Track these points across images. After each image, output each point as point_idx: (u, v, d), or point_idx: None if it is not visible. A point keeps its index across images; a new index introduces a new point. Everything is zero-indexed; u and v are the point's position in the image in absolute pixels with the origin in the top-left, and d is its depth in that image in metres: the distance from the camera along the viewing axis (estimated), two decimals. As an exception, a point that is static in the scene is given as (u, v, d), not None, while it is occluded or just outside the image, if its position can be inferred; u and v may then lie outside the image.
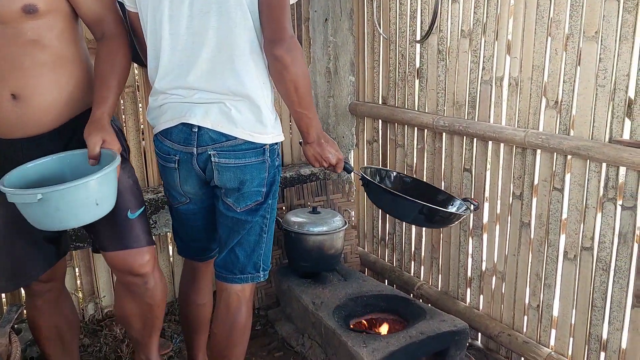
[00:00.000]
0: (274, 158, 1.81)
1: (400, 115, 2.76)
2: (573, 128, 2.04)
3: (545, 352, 2.23)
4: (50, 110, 1.67)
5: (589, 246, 2.04)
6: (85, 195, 1.47)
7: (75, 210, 1.48)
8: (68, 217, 1.50)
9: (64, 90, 1.68)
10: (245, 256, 1.85)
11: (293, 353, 2.60)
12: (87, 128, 1.60)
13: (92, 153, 1.56)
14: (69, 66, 1.69)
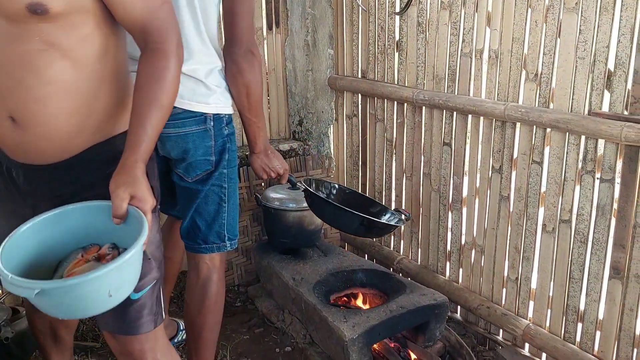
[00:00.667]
0: (220, 127, 1.79)
1: (379, 89, 2.73)
2: (552, 101, 2.03)
3: (523, 324, 2.25)
4: (60, 140, 1.31)
5: (568, 219, 2.05)
6: (96, 288, 1.14)
7: (83, 304, 1.17)
8: (72, 310, 1.22)
9: (81, 116, 1.30)
10: (206, 226, 1.86)
11: (273, 329, 2.59)
12: (115, 178, 1.23)
13: (117, 212, 1.21)
14: (93, 84, 1.29)
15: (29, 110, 1.25)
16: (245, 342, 2.51)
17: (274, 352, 2.43)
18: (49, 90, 1.23)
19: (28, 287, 1.11)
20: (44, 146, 1.30)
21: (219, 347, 2.45)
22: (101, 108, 1.33)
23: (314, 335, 2.37)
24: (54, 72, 1.22)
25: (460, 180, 2.45)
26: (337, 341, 2.13)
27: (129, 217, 1.22)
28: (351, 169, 3.12)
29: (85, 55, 1.25)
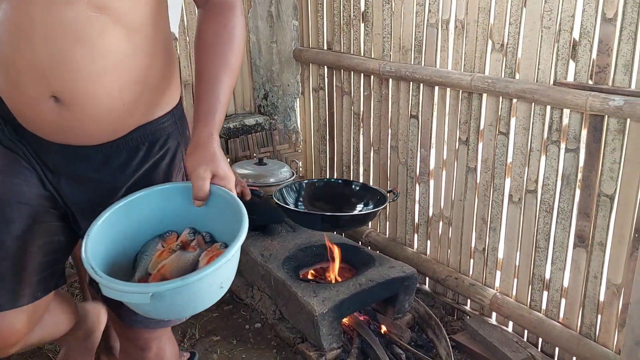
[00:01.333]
0: None
1: (346, 61, 2.69)
2: (519, 71, 2.02)
3: (490, 294, 2.28)
4: (111, 120, 1.14)
5: (533, 189, 2.06)
6: (211, 281, 1.05)
7: (195, 301, 1.08)
8: (184, 310, 1.13)
9: (135, 92, 1.13)
10: None
11: (243, 306, 2.58)
12: (192, 156, 1.10)
13: (200, 193, 1.08)
14: (147, 54, 1.12)
15: (78, 88, 1.05)
16: (214, 320, 2.49)
17: (243, 328, 2.42)
18: (102, 64, 1.06)
19: (142, 291, 0.98)
20: (92, 128, 1.13)
21: (188, 326, 2.43)
22: (154, 82, 1.17)
23: (283, 311, 2.36)
24: (106, 42, 1.05)
25: (428, 153, 2.45)
26: (307, 316, 2.12)
27: (211, 197, 1.11)
28: (318, 143, 3.09)
29: (139, 20, 1.09)
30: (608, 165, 1.82)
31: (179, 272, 1.09)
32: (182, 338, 2.36)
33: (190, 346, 2.30)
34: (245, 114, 3.15)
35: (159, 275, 1.10)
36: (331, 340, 2.13)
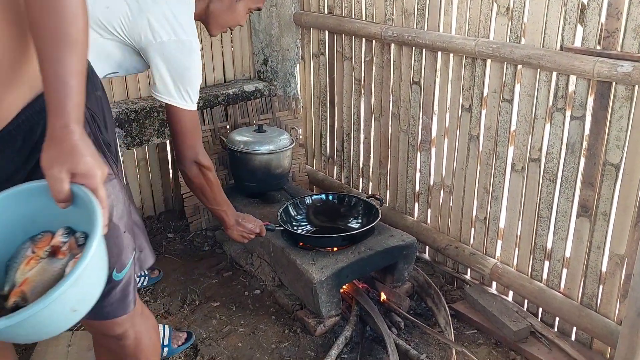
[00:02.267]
0: None
1: (347, 25, 2.62)
2: (524, 36, 1.96)
3: (491, 263, 2.26)
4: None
5: (537, 157, 2.02)
6: (55, 309, 0.89)
7: (39, 332, 0.93)
8: (29, 338, 0.99)
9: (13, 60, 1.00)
10: None
11: (242, 272, 2.57)
12: (45, 154, 0.95)
13: (57, 196, 0.94)
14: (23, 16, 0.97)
15: None
16: (214, 286, 2.48)
17: (242, 295, 2.41)
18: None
19: None
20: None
21: (188, 292, 2.42)
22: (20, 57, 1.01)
23: (282, 278, 2.35)
24: None
25: (430, 120, 2.40)
26: (305, 283, 2.11)
27: (76, 197, 0.96)
28: (319, 109, 3.04)
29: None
30: (614, 134, 1.78)
31: (42, 287, 0.95)
32: (182, 303, 2.35)
33: (191, 312, 2.30)
34: (244, 80, 3.09)
35: (19, 291, 0.97)
36: (330, 308, 2.12)
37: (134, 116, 2.65)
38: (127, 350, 1.34)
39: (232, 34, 3.01)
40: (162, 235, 2.90)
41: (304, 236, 2.31)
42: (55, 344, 1.96)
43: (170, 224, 2.99)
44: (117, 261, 1.17)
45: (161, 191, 3.08)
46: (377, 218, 2.29)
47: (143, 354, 1.36)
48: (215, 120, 2.85)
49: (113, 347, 1.34)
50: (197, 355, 2.05)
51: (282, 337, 2.15)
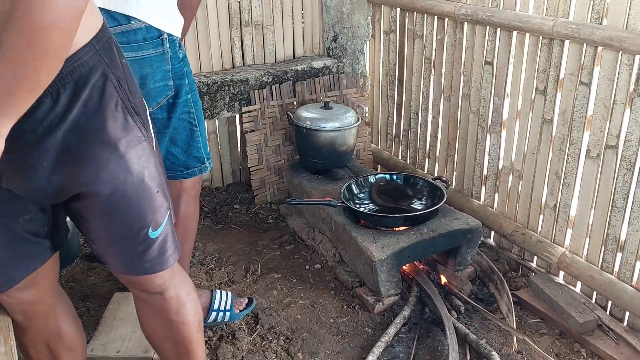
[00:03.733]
0: (175, 50, 1.68)
1: (419, 2, 2.57)
2: (606, 17, 1.87)
3: (559, 252, 2.19)
4: None
5: (614, 144, 1.93)
6: None
7: None
8: None
9: None
10: (184, 153, 1.84)
11: (304, 246, 2.60)
12: None
13: None
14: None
15: None
16: (276, 258, 2.53)
17: (303, 268, 2.45)
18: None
19: None
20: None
21: (251, 262, 2.48)
22: None
23: (343, 255, 2.37)
24: None
25: (501, 102, 2.33)
26: (365, 261, 2.12)
27: None
28: (387, 88, 3.01)
29: None
30: (701, 122, 1.67)
31: None
32: (245, 273, 2.42)
33: (253, 281, 2.36)
34: (313, 57, 3.10)
35: None
36: (389, 287, 2.12)
37: (205, 89, 2.71)
38: (168, 305, 1.38)
39: (303, 10, 3.01)
40: (229, 207, 2.97)
41: (366, 214, 2.31)
42: (125, 303, 2.06)
43: (237, 196, 3.06)
44: (152, 220, 1.22)
45: (229, 163, 3.15)
46: (441, 200, 2.26)
47: (184, 308, 1.40)
48: (283, 96, 2.88)
49: (156, 303, 1.38)
50: (257, 324, 2.11)
51: (340, 313, 2.17)
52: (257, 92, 2.81)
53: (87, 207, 1.17)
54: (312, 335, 2.06)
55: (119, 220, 1.19)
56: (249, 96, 2.81)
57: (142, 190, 1.17)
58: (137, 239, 1.21)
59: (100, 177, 1.12)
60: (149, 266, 1.27)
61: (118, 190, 1.14)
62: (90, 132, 1.09)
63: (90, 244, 1.27)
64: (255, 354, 1.97)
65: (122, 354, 1.86)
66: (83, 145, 1.09)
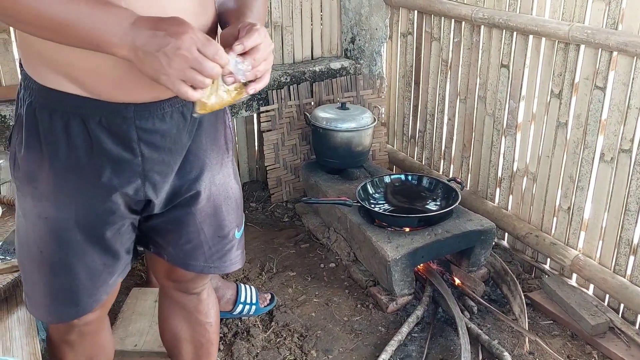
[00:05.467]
0: None
1: (437, 5, 2.60)
2: (622, 22, 1.88)
3: (572, 254, 2.21)
4: None
5: (628, 148, 1.95)
6: None
7: None
8: None
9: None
10: None
11: (319, 245, 2.64)
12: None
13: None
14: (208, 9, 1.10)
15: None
16: (292, 256, 2.57)
17: (318, 267, 2.49)
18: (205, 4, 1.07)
19: None
20: None
21: (267, 260, 2.53)
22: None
23: (357, 254, 2.40)
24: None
25: (517, 105, 2.35)
26: (380, 261, 2.15)
27: None
28: (403, 89, 3.04)
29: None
30: None
31: None
32: (260, 271, 2.46)
33: (268, 279, 2.40)
34: (331, 58, 3.13)
35: None
36: (403, 287, 2.16)
37: (224, 89, 2.75)
38: (201, 305, 1.44)
39: (322, 12, 3.05)
40: (246, 205, 3.02)
41: (381, 214, 2.34)
42: (143, 298, 2.11)
43: (253, 194, 3.11)
44: (240, 221, 1.32)
45: (247, 162, 3.20)
46: (456, 201, 2.29)
47: (213, 309, 1.48)
48: (301, 96, 2.92)
49: (191, 304, 1.42)
50: (272, 321, 2.15)
51: (354, 311, 2.21)
52: (275, 92, 2.86)
53: (193, 210, 1.21)
54: (326, 333, 2.10)
55: (219, 219, 1.26)
56: (267, 96, 2.85)
57: (238, 191, 1.30)
58: (227, 238, 1.28)
59: (215, 180, 1.22)
60: (229, 264, 1.32)
61: (226, 190, 1.25)
62: (211, 141, 1.19)
63: (170, 250, 1.26)
64: (270, 351, 2.02)
65: (139, 348, 1.90)
66: (204, 152, 1.18)
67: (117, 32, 0.87)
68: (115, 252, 1.17)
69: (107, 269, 1.18)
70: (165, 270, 1.37)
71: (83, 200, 1.09)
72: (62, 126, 1.03)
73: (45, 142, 1.04)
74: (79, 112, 1.02)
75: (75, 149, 1.04)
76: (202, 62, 0.87)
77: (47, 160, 1.05)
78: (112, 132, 1.04)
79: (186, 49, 0.86)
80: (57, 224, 1.09)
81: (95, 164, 1.06)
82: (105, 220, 1.12)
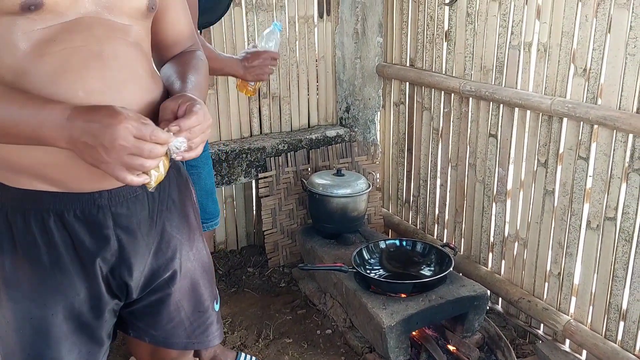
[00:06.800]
0: None
1: (427, 78, 2.73)
2: (601, 97, 1.99)
3: (564, 319, 2.24)
4: None
5: (613, 216, 2.02)
6: None
7: None
8: None
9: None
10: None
11: (315, 311, 2.67)
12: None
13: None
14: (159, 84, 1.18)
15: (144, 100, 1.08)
16: (288, 322, 2.60)
17: (315, 333, 2.51)
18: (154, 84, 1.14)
19: None
20: None
21: (263, 326, 2.55)
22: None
23: (353, 320, 2.43)
24: (148, 65, 1.14)
25: (505, 172, 2.44)
26: (375, 327, 2.18)
27: None
28: (397, 155, 3.14)
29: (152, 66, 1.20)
30: (692, 198, 1.76)
31: None
32: (257, 338, 2.48)
33: (265, 346, 2.42)
34: (327, 126, 3.25)
35: None
36: (398, 353, 2.18)
37: (224, 157, 2.85)
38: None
39: (318, 82, 3.18)
40: (243, 269, 3.07)
41: (376, 280, 2.39)
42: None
43: (250, 259, 3.16)
44: (215, 293, 1.38)
45: (244, 227, 3.26)
46: (449, 267, 2.34)
47: None
48: (298, 163, 3.01)
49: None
50: (269, 389, 2.17)
51: (350, 378, 2.22)
52: (273, 159, 2.95)
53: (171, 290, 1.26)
54: (323, 400, 2.11)
55: (198, 294, 1.31)
56: (265, 163, 2.94)
57: (210, 264, 1.36)
58: (207, 312, 1.34)
59: (190, 256, 1.27)
60: (212, 338, 1.37)
61: (201, 265, 1.31)
62: (181, 218, 1.26)
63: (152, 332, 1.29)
64: (267, 418, 2.02)
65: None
66: (177, 230, 1.25)
67: (53, 127, 0.92)
68: (99, 339, 1.20)
69: (92, 356, 1.20)
70: (149, 352, 1.41)
71: (70, 293, 1.11)
72: (39, 226, 1.06)
73: (21, 245, 1.07)
74: (54, 208, 1.06)
75: (56, 246, 1.08)
76: (140, 147, 0.92)
77: (27, 262, 1.08)
78: (88, 221, 1.09)
79: (123, 139, 0.90)
80: (45, 321, 1.11)
81: (77, 255, 1.10)
82: (90, 308, 1.15)
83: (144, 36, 1.13)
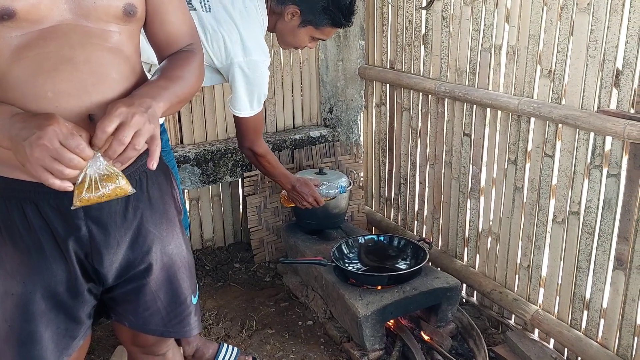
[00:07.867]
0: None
1: (405, 80, 2.84)
2: (565, 97, 2.10)
3: (532, 309, 2.35)
4: None
5: (576, 211, 2.13)
6: None
7: None
8: None
9: None
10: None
11: (298, 303, 2.77)
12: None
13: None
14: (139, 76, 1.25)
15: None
16: (271, 314, 2.70)
17: (296, 324, 2.61)
18: (128, 85, 1.19)
19: None
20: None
21: (247, 318, 2.65)
22: None
23: (333, 311, 2.53)
24: (128, 69, 1.19)
25: (479, 170, 2.55)
26: (352, 317, 2.28)
27: None
28: (379, 155, 3.24)
29: (138, 60, 1.26)
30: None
31: None
32: (241, 328, 2.58)
33: (248, 336, 2.52)
34: (311, 126, 3.35)
35: None
36: (374, 342, 2.28)
37: (210, 157, 2.95)
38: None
39: (302, 84, 3.29)
40: (229, 265, 3.16)
41: (354, 273, 2.49)
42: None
43: (237, 255, 3.25)
44: (194, 287, 1.45)
45: (231, 224, 3.36)
46: (424, 261, 2.44)
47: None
48: (282, 162, 3.10)
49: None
50: (251, 376, 2.26)
51: (328, 366, 2.32)
52: (257, 159, 3.04)
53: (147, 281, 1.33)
54: (301, 386, 2.21)
55: (175, 286, 1.39)
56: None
57: (190, 260, 1.43)
58: (185, 304, 1.41)
59: (167, 251, 1.36)
60: (189, 329, 1.45)
61: (180, 260, 1.39)
62: (160, 214, 1.35)
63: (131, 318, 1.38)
64: (247, 403, 2.12)
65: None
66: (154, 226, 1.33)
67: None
68: (77, 317, 1.28)
69: (70, 332, 1.28)
70: (129, 337, 1.50)
71: (47, 274, 1.21)
72: (19, 213, 1.17)
73: (5, 227, 1.18)
74: (31, 197, 1.16)
75: (34, 231, 1.18)
76: (61, 153, 0.97)
77: (10, 243, 1.18)
78: (61, 211, 1.17)
79: (47, 140, 0.96)
80: (25, 297, 1.20)
81: (54, 240, 1.20)
82: (67, 289, 1.24)
83: (125, 40, 1.19)
